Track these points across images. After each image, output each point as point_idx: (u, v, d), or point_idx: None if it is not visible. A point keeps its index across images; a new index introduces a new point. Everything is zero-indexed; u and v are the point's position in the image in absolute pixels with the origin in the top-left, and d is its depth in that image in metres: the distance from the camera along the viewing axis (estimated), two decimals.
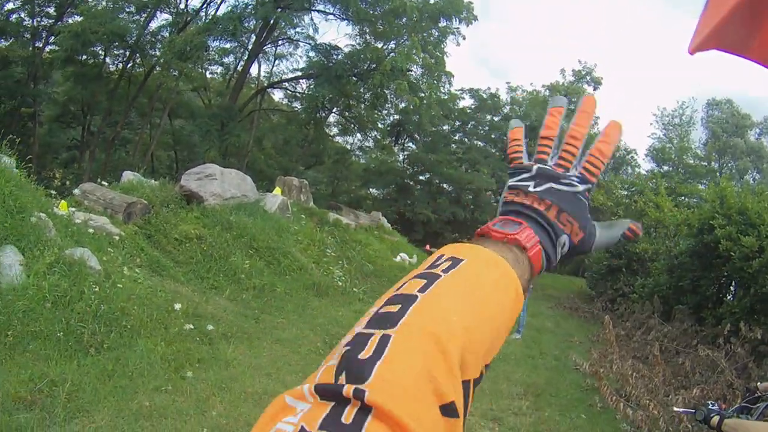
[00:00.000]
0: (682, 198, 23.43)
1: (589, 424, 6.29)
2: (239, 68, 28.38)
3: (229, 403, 5.17)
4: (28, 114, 26.43)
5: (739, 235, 10.00)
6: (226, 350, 6.60)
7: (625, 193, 24.17)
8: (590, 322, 14.23)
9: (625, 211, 20.71)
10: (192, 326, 6.90)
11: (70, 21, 23.38)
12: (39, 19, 24.41)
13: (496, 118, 35.63)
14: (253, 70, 30.28)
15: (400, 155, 35.84)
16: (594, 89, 35.55)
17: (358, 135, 33.97)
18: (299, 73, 29.26)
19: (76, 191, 10.35)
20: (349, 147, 36.85)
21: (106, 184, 11.16)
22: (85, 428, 4.23)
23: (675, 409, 4.72)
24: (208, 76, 30.87)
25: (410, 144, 35.83)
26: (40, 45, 24.77)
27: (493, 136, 35.61)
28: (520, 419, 6.16)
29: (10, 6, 23.87)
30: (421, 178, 34.45)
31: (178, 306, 7.23)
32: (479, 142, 35.97)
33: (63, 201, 9.07)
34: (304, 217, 14.52)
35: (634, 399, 6.45)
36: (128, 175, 11.85)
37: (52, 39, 24.42)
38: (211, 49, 25.80)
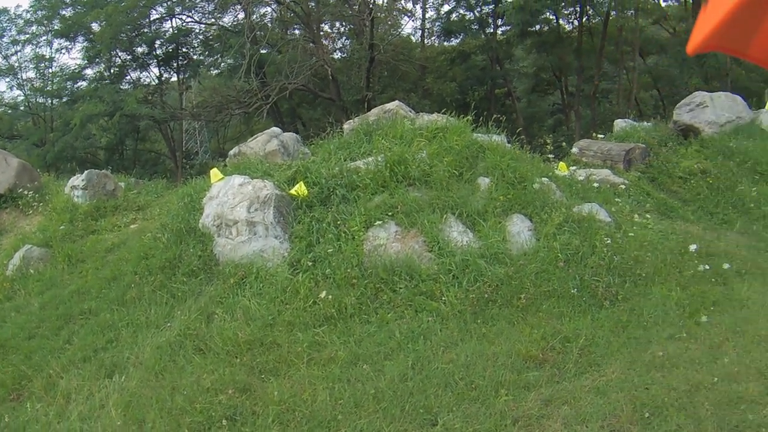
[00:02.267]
0: None
1: None
2: None
3: (741, 349, 4.68)
4: (503, 93, 29.33)
5: None
6: (741, 289, 5.96)
7: None
8: None
9: None
10: (707, 266, 6.41)
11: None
12: (480, 9, 26.76)
13: None
14: None
15: None
16: None
17: None
18: None
19: (573, 150, 10.93)
20: None
21: (602, 136, 11.80)
22: (595, 382, 4.23)
23: None
24: (663, 4, 28.81)
25: None
26: (491, 30, 26.94)
27: None
28: None
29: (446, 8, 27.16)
30: None
31: (693, 247, 6.82)
32: None
33: (561, 162, 9.49)
34: None
35: None
36: (620, 123, 12.33)
37: (499, 21, 26.44)
38: None
